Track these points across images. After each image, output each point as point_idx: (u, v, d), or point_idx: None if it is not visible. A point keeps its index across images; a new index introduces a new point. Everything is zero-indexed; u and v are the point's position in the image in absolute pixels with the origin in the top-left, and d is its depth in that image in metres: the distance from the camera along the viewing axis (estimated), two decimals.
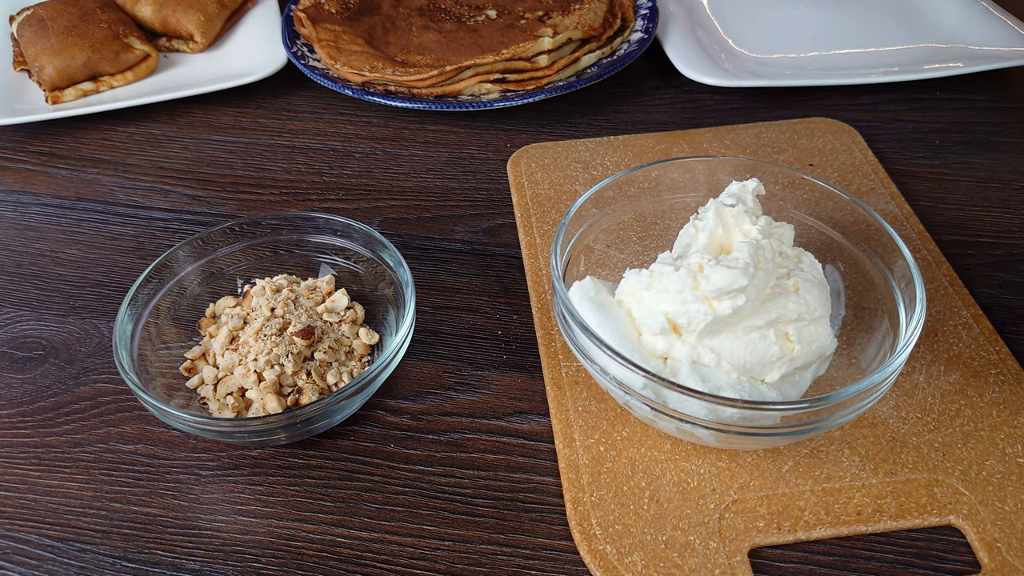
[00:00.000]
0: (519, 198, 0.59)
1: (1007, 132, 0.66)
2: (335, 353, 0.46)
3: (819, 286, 0.42)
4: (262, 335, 0.45)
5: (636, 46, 0.72)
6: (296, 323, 0.46)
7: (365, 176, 0.64)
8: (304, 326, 0.46)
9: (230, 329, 0.47)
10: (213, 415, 0.44)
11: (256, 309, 0.47)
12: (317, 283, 0.50)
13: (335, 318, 0.48)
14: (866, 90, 0.71)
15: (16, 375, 0.49)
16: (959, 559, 0.39)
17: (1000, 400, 0.45)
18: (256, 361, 0.44)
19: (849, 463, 0.42)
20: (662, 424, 0.40)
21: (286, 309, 0.47)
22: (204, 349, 0.48)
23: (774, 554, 0.40)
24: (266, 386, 0.44)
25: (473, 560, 0.40)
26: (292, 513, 0.42)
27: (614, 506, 0.41)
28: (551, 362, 0.48)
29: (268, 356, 0.44)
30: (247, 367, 0.44)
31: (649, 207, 0.50)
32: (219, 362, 0.46)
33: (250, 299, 0.49)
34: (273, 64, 0.72)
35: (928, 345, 0.48)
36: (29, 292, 0.55)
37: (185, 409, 0.43)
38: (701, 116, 0.69)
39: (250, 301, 0.49)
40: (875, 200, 0.58)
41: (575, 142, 0.64)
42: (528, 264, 0.54)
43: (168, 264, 0.48)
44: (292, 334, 0.45)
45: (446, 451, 0.45)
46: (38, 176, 0.65)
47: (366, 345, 0.48)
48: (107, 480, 0.44)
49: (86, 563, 0.40)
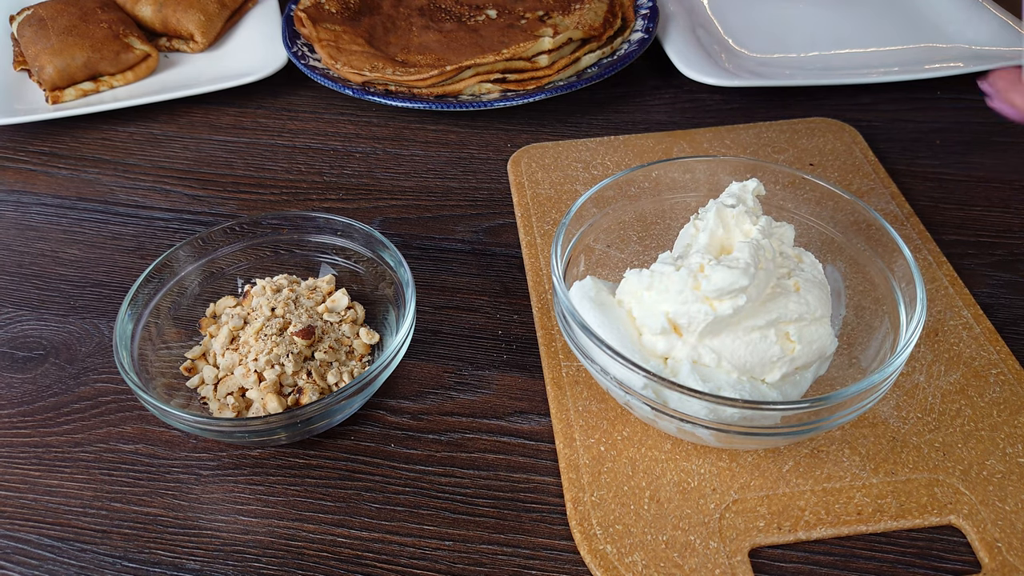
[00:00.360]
0: (519, 198, 0.59)
1: (1007, 132, 0.66)
2: (335, 353, 0.46)
3: (819, 286, 0.42)
4: (262, 335, 0.45)
5: (636, 46, 0.72)
6: (296, 323, 0.46)
7: (365, 176, 0.64)
8: (304, 326, 0.46)
9: (230, 329, 0.47)
10: (213, 415, 0.44)
11: (256, 309, 0.47)
12: (318, 283, 0.50)
13: (335, 318, 0.48)
14: (866, 90, 0.71)
15: (16, 375, 0.49)
16: (959, 559, 0.39)
17: (1000, 400, 0.45)
18: (256, 361, 0.44)
19: (849, 463, 0.42)
20: (662, 424, 0.40)
21: (286, 309, 0.47)
22: (204, 349, 0.48)
23: (774, 554, 0.40)
24: (266, 386, 0.44)
25: (473, 560, 0.40)
26: (292, 513, 0.42)
27: (614, 506, 0.41)
28: (551, 362, 0.48)
29: (268, 356, 0.44)
30: (247, 367, 0.44)
31: (649, 207, 0.50)
32: (219, 362, 0.46)
33: (250, 299, 0.49)
34: (273, 64, 0.72)
35: (928, 345, 0.48)
36: (29, 292, 0.55)
37: (185, 409, 0.43)
38: (701, 116, 0.69)
39: (250, 301, 0.49)
40: (875, 200, 0.58)
41: (575, 142, 0.64)
42: (528, 264, 0.54)
43: (168, 264, 0.48)
44: (292, 334, 0.45)
45: (446, 451, 0.45)
46: (38, 176, 0.65)
47: (367, 345, 0.48)
48: (107, 480, 0.44)
49: (86, 563, 0.40)
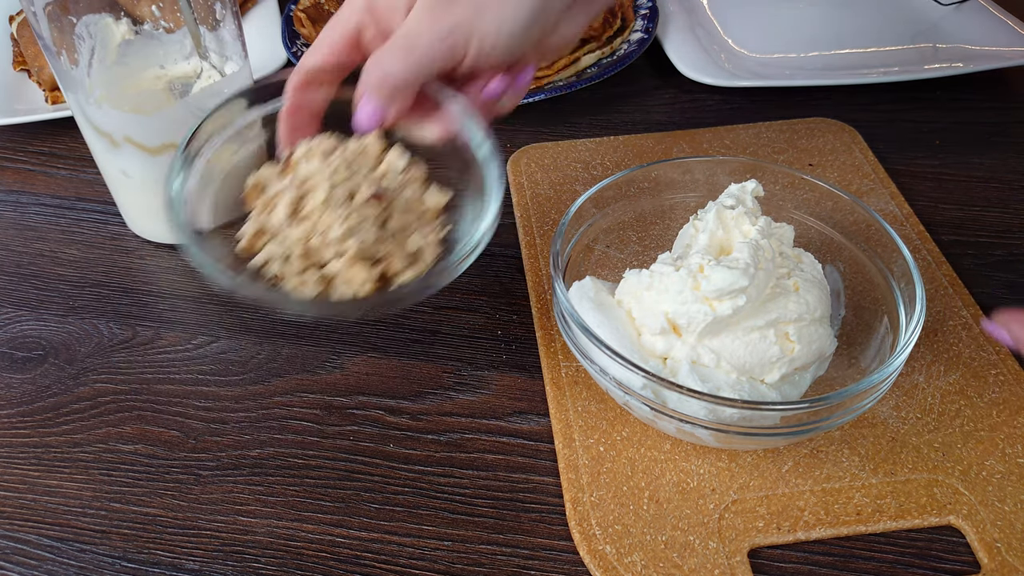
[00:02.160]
0: (519, 198, 0.59)
1: (1007, 132, 0.66)
2: (408, 216, 0.41)
3: (819, 286, 0.42)
4: (331, 203, 0.40)
5: (636, 46, 0.72)
6: (364, 187, 0.41)
7: None
8: (377, 189, 0.41)
9: (291, 199, 0.41)
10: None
11: (313, 176, 0.42)
12: (364, 142, 0.44)
13: (397, 179, 0.43)
14: (866, 90, 0.71)
15: (16, 375, 0.49)
16: (959, 559, 0.39)
17: (1000, 400, 0.45)
18: (330, 231, 0.40)
19: (849, 463, 0.42)
20: (662, 424, 0.40)
21: (349, 172, 0.42)
22: (259, 225, 0.42)
23: (774, 554, 0.40)
24: (352, 257, 0.39)
25: (472, 560, 0.40)
26: (291, 513, 0.42)
27: (614, 506, 0.41)
28: (551, 362, 0.48)
29: (344, 225, 0.39)
30: (322, 238, 0.40)
31: (649, 207, 0.50)
32: (285, 236, 0.41)
33: (294, 165, 0.43)
34: (273, 64, 0.72)
35: (928, 345, 0.48)
36: (28, 292, 0.55)
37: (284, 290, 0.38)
38: (701, 116, 0.69)
39: (296, 168, 0.43)
40: (875, 200, 0.58)
41: (575, 142, 0.64)
42: (528, 264, 0.54)
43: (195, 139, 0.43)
44: (368, 198, 0.40)
45: (446, 451, 0.45)
46: (38, 176, 0.65)
47: (439, 206, 0.43)
48: (107, 480, 0.44)
49: (85, 563, 0.40)
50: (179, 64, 0.54)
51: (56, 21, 0.48)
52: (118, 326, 0.52)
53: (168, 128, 0.51)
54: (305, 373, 0.49)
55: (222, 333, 0.52)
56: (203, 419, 0.47)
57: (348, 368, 0.49)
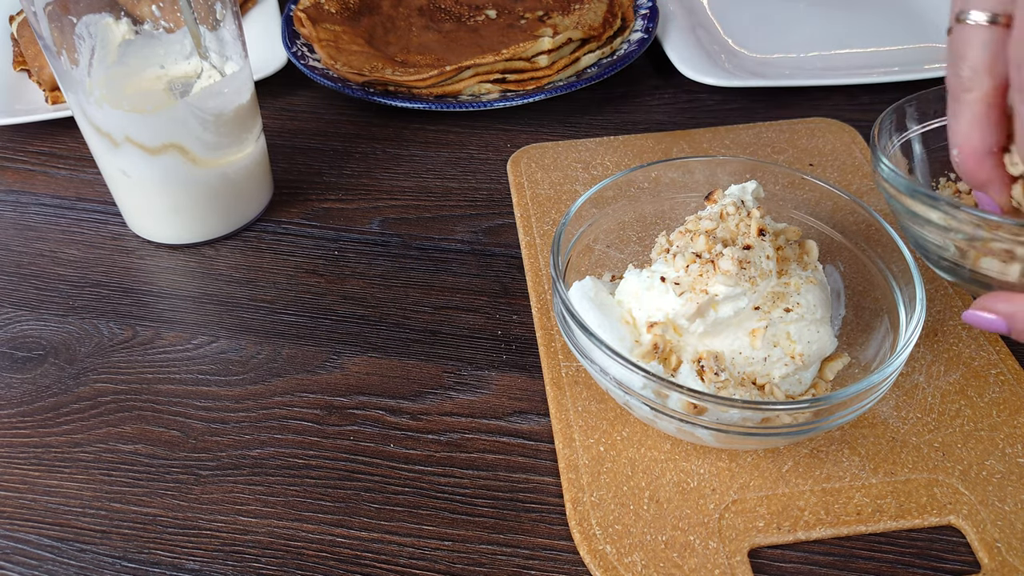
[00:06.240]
0: (519, 198, 0.59)
1: None
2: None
3: (819, 286, 0.42)
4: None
5: (636, 46, 0.72)
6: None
7: (365, 176, 0.64)
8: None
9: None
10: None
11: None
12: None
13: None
14: (866, 90, 0.71)
15: (16, 375, 0.49)
16: (959, 559, 0.39)
17: (1000, 400, 0.45)
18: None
19: (849, 463, 0.42)
20: (662, 424, 0.40)
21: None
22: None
23: (774, 554, 0.40)
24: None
25: (473, 560, 0.40)
26: (292, 513, 0.42)
27: (614, 506, 0.41)
28: (551, 362, 0.48)
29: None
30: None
31: (649, 207, 0.50)
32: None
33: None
34: (273, 64, 0.72)
35: (928, 345, 0.48)
36: (28, 292, 0.55)
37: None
38: (701, 116, 0.69)
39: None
40: (875, 200, 0.58)
41: (575, 142, 0.64)
42: (528, 264, 0.54)
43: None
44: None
45: (446, 451, 0.45)
46: (38, 176, 0.65)
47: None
48: (107, 480, 0.44)
49: (86, 563, 0.40)
50: (179, 64, 0.54)
51: (56, 21, 0.48)
52: (118, 326, 0.52)
53: (168, 128, 0.51)
54: (305, 373, 0.49)
55: (222, 333, 0.52)
56: (203, 419, 0.47)
57: (348, 368, 0.49)
